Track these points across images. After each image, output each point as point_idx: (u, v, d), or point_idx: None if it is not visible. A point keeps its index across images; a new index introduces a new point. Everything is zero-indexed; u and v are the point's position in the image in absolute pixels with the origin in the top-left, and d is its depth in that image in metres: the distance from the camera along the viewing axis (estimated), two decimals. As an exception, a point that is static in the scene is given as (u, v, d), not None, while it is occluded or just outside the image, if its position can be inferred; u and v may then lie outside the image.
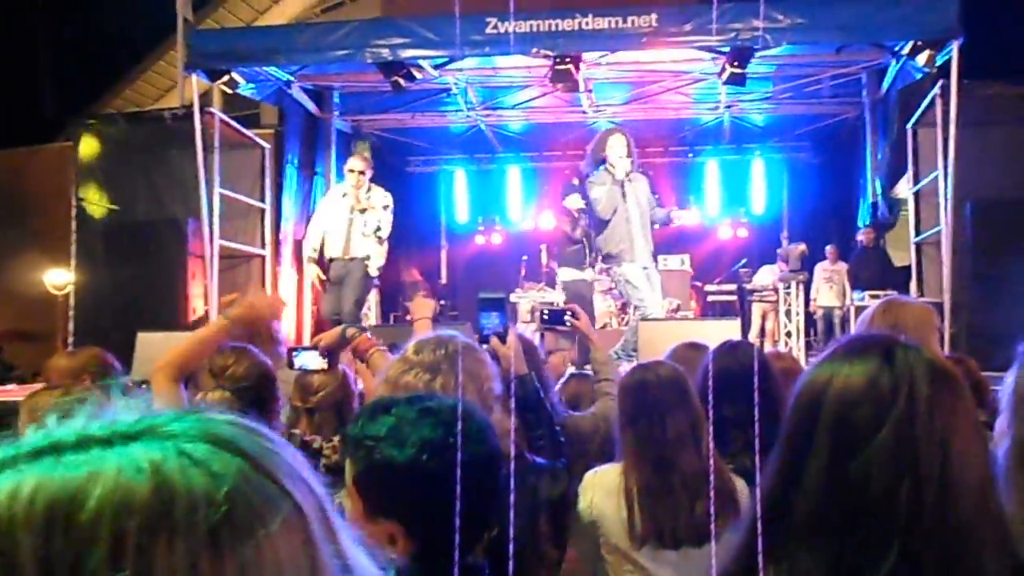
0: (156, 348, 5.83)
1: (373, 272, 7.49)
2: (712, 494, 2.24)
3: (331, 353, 2.94)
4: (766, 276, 11.51)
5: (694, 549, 2.26)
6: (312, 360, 2.94)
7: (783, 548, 1.09)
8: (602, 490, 2.41)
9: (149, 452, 0.54)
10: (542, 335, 6.03)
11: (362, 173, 7.46)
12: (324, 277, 7.41)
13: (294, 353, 2.99)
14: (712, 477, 2.23)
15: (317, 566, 0.57)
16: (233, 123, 8.52)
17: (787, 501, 1.11)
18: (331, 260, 7.45)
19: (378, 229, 7.38)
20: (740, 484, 2.38)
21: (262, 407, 2.51)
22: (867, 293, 8.68)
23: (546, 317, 3.47)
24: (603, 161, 7.09)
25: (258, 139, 8.99)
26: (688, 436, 2.31)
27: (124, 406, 0.59)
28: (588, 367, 3.56)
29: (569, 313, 3.38)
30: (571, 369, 5.19)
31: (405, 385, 1.97)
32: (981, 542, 1.05)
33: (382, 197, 7.59)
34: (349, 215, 7.39)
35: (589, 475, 2.49)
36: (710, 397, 2.40)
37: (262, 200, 8.96)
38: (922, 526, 1.04)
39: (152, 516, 0.50)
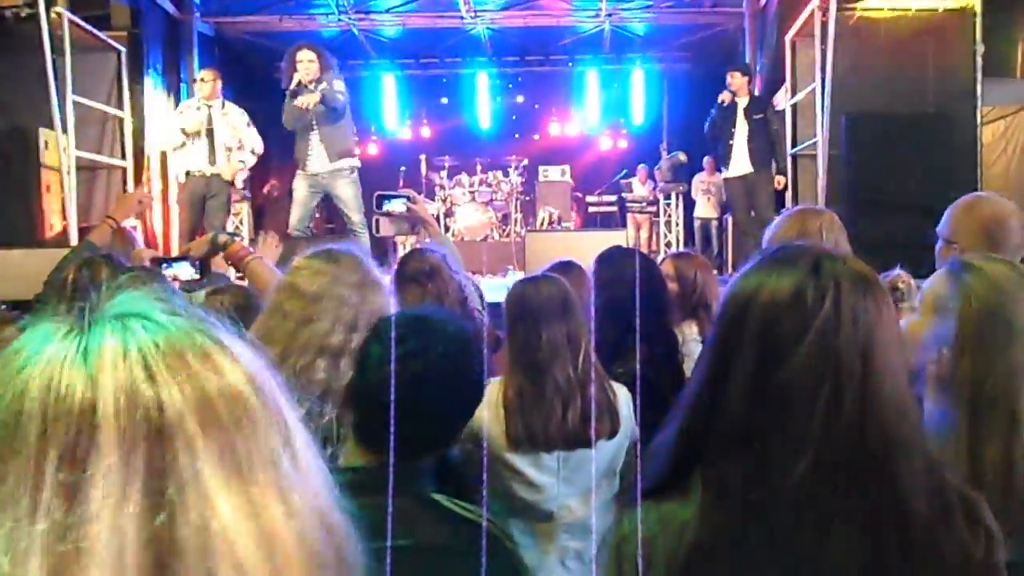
0: (14, 266, 5.42)
1: (239, 184, 7.49)
2: (587, 401, 2.35)
3: (203, 262, 2.84)
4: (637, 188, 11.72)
5: (568, 453, 2.37)
6: (184, 271, 2.83)
7: (710, 455, 1.13)
8: (485, 400, 2.46)
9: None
10: (377, 221, 5.97)
11: (216, 80, 7.36)
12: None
13: (164, 264, 2.85)
14: (589, 386, 2.35)
15: (262, 454, 0.62)
16: (84, 24, 7.81)
17: (713, 409, 1.13)
18: (187, 173, 7.21)
19: (252, 151, 7.37)
20: (622, 392, 2.49)
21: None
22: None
23: (383, 202, 3.35)
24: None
25: (112, 42, 8.30)
26: (564, 347, 2.37)
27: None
28: None
29: (406, 197, 3.33)
30: None
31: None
32: (900, 451, 1.09)
33: (240, 114, 7.44)
34: (209, 125, 7.17)
35: None
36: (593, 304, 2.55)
37: (120, 108, 8.33)
38: (841, 433, 1.07)
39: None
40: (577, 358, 2.38)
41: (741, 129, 7.86)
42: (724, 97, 7.86)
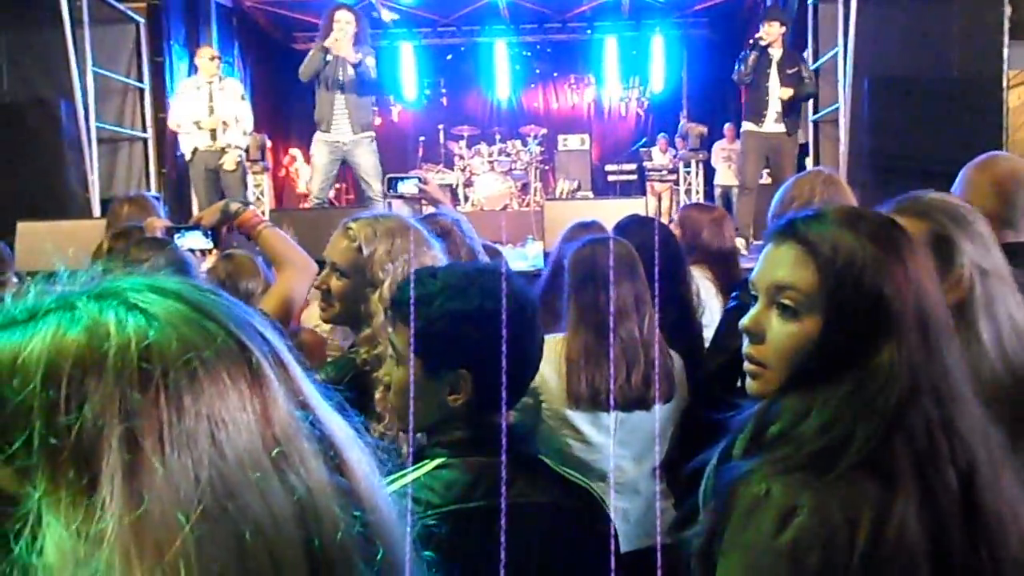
0: (40, 238, 5.48)
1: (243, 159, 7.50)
2: (649, 364, 2.36)
3: (215, 231, 2.75)
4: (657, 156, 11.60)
5: (626, 415, 2.39)
6: (196, 240, 2.76)
7: (917, 431, 1.05)
8: (545, 356, 2.47)
9: (92, 307, 0.58)
10: (390, 204, 6.01)
11: (217, 57, 7.44)
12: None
13: (176, 233, 2.77)
14: (652, 349, 2.37)
15: (269, 409, 0.59)
16: (102, -6, 7.82)
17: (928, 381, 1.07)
18: (195, 151, 7.20)
19: (244, 131, 7.35)
20: (677, 359, 2.52)
21: None
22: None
23: (396, 183, 3.33)
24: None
25: (131, 13, 8.30)
26: (631, 308, 2.40)
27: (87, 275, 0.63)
28: None
29: (418, 179, 3.32)
30: None
31: None
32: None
33: (237, 86, 7.51)
34: (210, 103, 7.17)
35: None
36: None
37: (140, 80, 8.36)
38: None
39: (83, 357, 0.55)
40: (643, 320, 2.41)
41: (774, 83, 7.19)
42: (762, 36, 7.13)
